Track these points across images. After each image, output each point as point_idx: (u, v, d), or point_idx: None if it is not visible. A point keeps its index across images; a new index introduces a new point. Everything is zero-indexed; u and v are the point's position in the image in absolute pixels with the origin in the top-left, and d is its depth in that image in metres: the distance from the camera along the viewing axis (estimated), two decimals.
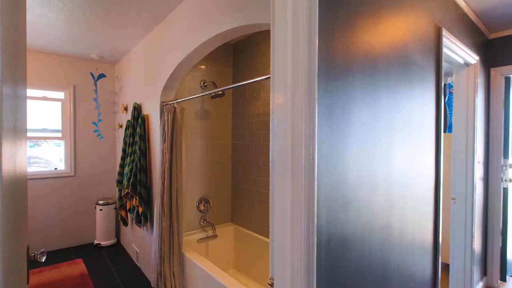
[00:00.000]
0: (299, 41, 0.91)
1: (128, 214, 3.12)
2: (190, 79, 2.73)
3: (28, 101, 3.40)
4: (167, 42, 2.37)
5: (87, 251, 3.48)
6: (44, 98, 3.49)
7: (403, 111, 1.39)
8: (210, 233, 2.77)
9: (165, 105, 2.44)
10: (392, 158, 1.32)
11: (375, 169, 1.21)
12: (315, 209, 0.94)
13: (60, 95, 3.58)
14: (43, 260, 1.14)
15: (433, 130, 1.65)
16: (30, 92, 3.40)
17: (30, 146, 3.60)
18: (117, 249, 3.54)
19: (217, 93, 2.58)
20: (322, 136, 0.97)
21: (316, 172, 0.93)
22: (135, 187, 2.69)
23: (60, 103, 3.57)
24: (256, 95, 2.66)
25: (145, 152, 2.70)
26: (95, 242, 3.63)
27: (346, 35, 1.06)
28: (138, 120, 2.82)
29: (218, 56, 2.90)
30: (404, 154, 1.40)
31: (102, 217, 3.63)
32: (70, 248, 3.56)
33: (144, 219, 2.66)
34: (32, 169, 3.56)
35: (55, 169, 3.61)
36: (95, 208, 3.69)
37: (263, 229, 2.60)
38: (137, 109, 2.92)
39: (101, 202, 3.61)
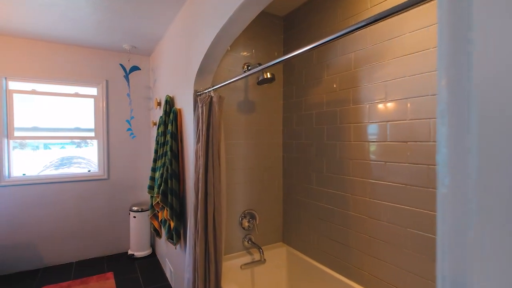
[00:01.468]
0: None
1: (161, 226, 2.68)
2: (231, 62, 2.17)
3: (60, 98, 3.15)
4: (198, 15, 1.83)
5: (120, 263, 3.14)
6: (76, 95, 3.23)
7: None
8: (257, 256, 2.18)
9: (199, 94, 1.90)
10: None
11: None
12: None
13: (93, 91, 3.30)
14: None
15: None
16: (62, 88, 3.15)
17: (68, 146, 3.37)
18: (152, 262, 3.14)
19: (265, 76, 1.99)
20: None
21: None
22: (166, 196, 2.21)
23: (92, 99, 3.29)
24: (317, 79, 2.01)
25: (178, 154, 2.21)
26: (129, 252, 3.28)
27: None
28: (170, 115, 2.35)
29: (265, 34, 2.30)
30: None
31: (136, 225, 3.27)
32: (103, 258, 3.26)
33: (176, 236, 2.17)
34: (71, 170, 3.33)
35: (89, 171, 3.34)
36: (129, 214, 3.35)
37: (327, 257, 1.94)
38: (169, 102, 2.45)
39: (134, 208, 3.26)
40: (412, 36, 1.40)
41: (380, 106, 1.57)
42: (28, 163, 3.10)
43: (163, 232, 2.68)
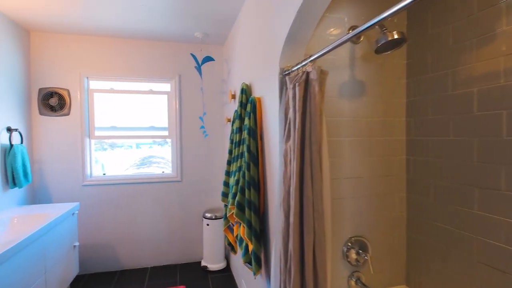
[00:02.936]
0: None
1: (237, 241, 2.23)
2: (329, 28, 1.55)
3: (135, 96, 3.02)
4: None
5: (192, 274, 2.84)
6: (151, 92, 3.06)
7: None
8: None
9: (288, 73, 1.34)
10: None
11: None
12: None
13: (166, 87, 3.09)
14: None
15: None
16: (137, 85, 3.02)
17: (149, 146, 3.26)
18: (226, 278, 2.75)
19: (389, 37, 1.30)
20: None
21: None
22: (242, 209, 1.73)
23: (166, 96, 3.08)
24: (483, 36, 1.22)
25: (257, 157, 1.70)
26: (202, 263, 2.97)
27: None
28: (247, 106, 1.86)
29: None
30: None
31: (209, 234, 2.93)
32: (176, 266, 3.02)
33: (256, 263, 1.66)
34: (150, 170, 3.21)
35: (163, 172, 3.16)
36: (202, 221, 3.04)
37: None
38: (245, 91, 1.96)
39: (208, 215, 2.92)
40: None
41: None
42: (119, 163, 3.09)
43: (239, 251, 2.23)
